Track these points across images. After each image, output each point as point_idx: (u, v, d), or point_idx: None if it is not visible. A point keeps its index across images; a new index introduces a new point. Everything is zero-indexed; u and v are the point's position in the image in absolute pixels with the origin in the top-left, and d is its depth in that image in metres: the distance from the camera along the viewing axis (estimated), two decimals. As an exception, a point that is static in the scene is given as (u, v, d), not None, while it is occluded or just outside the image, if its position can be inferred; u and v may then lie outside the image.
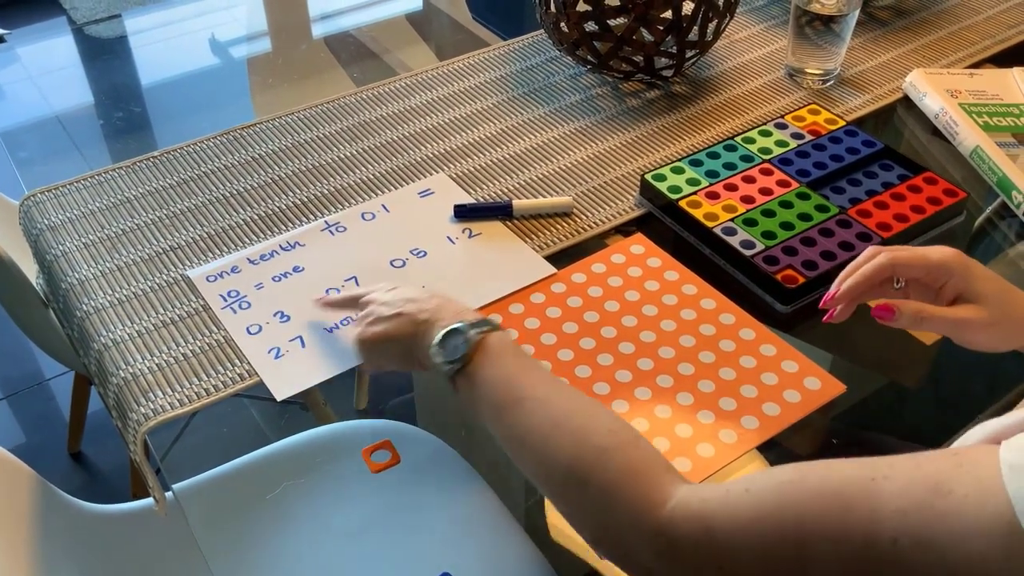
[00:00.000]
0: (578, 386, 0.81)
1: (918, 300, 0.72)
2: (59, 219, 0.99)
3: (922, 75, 1.16)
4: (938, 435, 0.85)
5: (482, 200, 1.02)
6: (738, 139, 1.07)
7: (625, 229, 1.00)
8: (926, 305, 0.71)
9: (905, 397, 0.90)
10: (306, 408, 1.32)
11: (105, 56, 2.81)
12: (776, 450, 0.78)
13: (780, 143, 1.06)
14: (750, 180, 1.01)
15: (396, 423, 0.97)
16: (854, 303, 0.73)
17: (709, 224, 0.95)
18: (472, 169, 1.06)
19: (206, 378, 0.82)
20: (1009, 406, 0.79)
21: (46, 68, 2.77)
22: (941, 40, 1.28)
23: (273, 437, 0.99)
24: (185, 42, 2.88)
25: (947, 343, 0.89)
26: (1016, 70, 1.18)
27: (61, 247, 0.96)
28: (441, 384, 0.69)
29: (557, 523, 0.76)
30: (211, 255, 0.95)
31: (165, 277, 0.92)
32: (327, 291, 0.90)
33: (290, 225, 0.98)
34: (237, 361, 0.84)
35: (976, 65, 1.24)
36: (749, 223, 0.95)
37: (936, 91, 1.13)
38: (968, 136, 1.08)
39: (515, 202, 0.99)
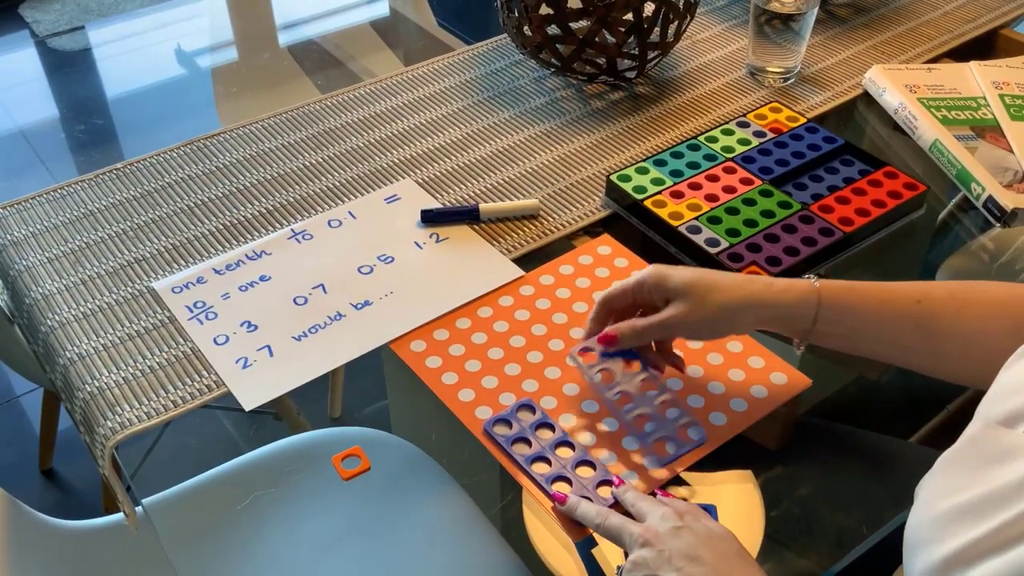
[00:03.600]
0: (548, 388, 0.81)
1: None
2: (22, 234, 0.98)
3: (881, 71, 1.18)
4: (906, 428, 0.86)
5: (449, 204, 1.02)
6: (701, 138, 1.08)
7: (592, 230, 1.00)
8: (636, 319, 0.77)
9: (872, 390, 0.91)
10: (279, 417, 1.31)
11: (68, 69, 2.79)
12: (745, 445, 0.79)
13: (742, 141, 1.07)
14: (714, 178, 1.02)
15: (370, 430, 0.96)
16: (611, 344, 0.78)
17: (674, 223, 0.96)
18: (438, 174, 1.06)
19: (173, 390, 0.82)
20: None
21: (8, 82, 2.74)
22: (899, 36, 1.30)
23: (246, 448, 0.99)
24: (149, 53, 2.86)
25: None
26: (973, 64, 1.20)
27: (24, 262, 0.95)
28: (414, 389, 0.69)
29: (534, 523, 0.76)
30: (176, 266, 0.94)
31: (130, 289, 0.92)
32: (293, 300, 0.90)
33: (256, 234, 0.98)
34: (205, 372, 0.83)
35: (934, 60, 1.25)
36: (713, 221, 0.96)
37: (895, 86, 1.15)
38: (927, 130, 1.09)
39: (482, 206, 0.99)
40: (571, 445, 0.76)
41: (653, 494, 0.71)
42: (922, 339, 0.73)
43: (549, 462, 0.75)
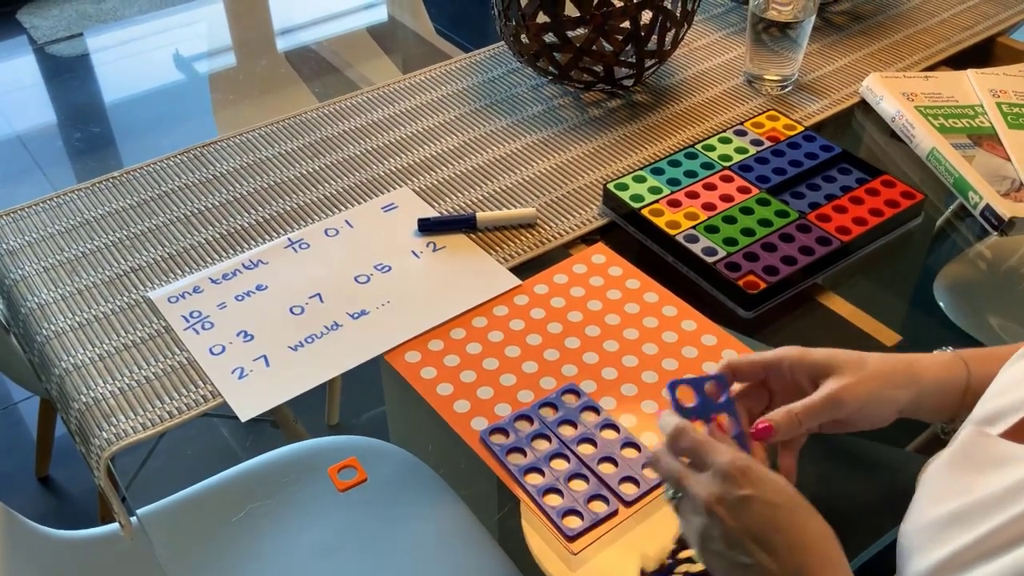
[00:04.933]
0: (542, 398, 0.81)
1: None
2: (18, 243, 0.98)
3: (878, 79, 1.18)
4: (903, 435, 0.86)
5: (446, 213, 1.02)
6: (698, 147, 1.08)
7: (589, 239, 1.00)
8: (791, 405, 0.65)
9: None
10: (276, 425, 1.31)
11: (66, 75, 2.79)
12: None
13: (740, 150, 1.07)
14: (711, 187, 1.02)
15: (366, 439, 0.96)
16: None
17: (671, 232, 0.96)
18: (436, 182, 1.06)
19: (169, 401, 0.81)
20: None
21: (6, 88, 2.74)
22: (897, 44, 1.30)
23: (243, 455, 0.98)
24: (147, 59, 2.86)
25: (906, 343, 0.90)
26: (970, 72, 1.20)
27: (20, 271, 0.95)
28: (412, 398, 0.68)
29: (532, 535, 0.76)
30: (173, 276, 0.94)
31: (126, 299, 0.91)
32: (290, 309, 0.90)
33: (252, 243, 0.98)
34: (200, 383, 0.83)
35: (931, 68, 1.25)
36: (711, 230, 0.96)
37: (892, 94, 1.15)
38: (924, 138, 1.09)
39: (479, 214, 0.99)
40: (566, 457, 0.76)
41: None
42: None
43: (543, 473, 0.75)
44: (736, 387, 0.68)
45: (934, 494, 0.52)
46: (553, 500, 0.73)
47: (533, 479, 0.75)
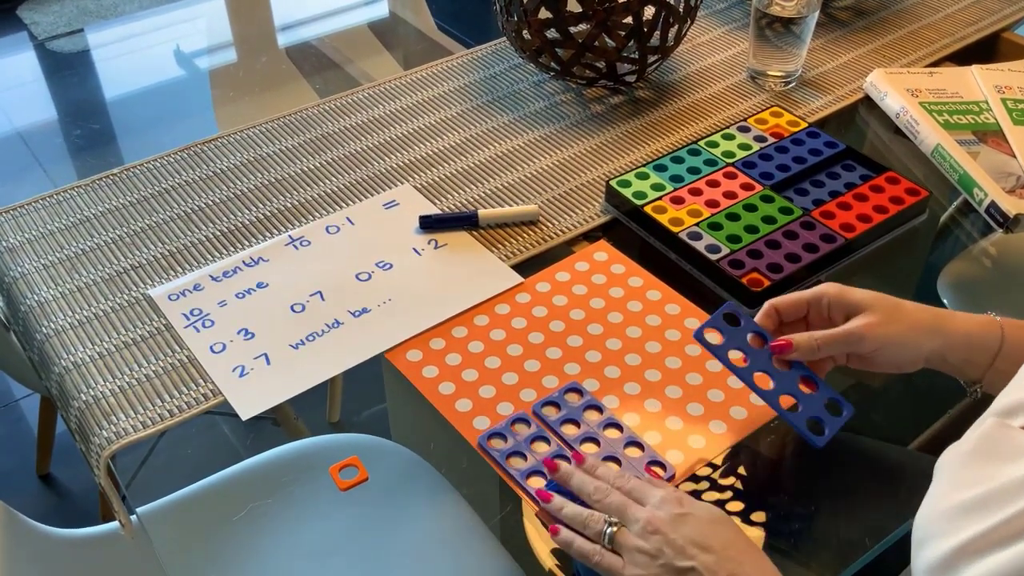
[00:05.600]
0: (544, 397, 0.80)
1: None
2: (17, 240, 0.98)
3: (882, 75, 1.17)
4: (906, 434, 0.85)
5: (448, 210, 1.01)
6: (702, 143, 1.07)
7: (592, 236, 1.00)
8: (816, 331, 0.72)
9: (873, 396, 0.90)
10: (277, 423, 1.31)
11: (67, 71, 2.78)
12: (746, 453, 0.78)
13: (743, 146, 1.07)
14: (714, 184, 1.01)
15: (368, 436, 0.96)
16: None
17: (674, 229, 0.95)
18: (437, 179, 1.06)
19: (169, 399, 0.81)
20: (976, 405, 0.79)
21: (7, 84, 2.73)
22: (901, 39, 1.29)
23: (244, 453, 0.98)
24: (148, 55, 2.86)
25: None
26: (975, 68, 1.19)
27: (20, 268, 0.94)
28: (413, 396, 0.68)
29: (534, 534, 0.76)
30: (173, 273, 0.93)
31: (126, 297, 0.91)
32: (291, 307, 0.89)
33: (253, 240, 0.97)
34: (201, 381, 0.83)
35: (936, 63, 1.25)
36: (714, 227, 0.96)
37: (897, 90, 1.14)
38: (929, 135, 1.08)
39: (481, 211, 0.99)
40: (566, 457, 0.75)
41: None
42: None
43: (545, 476, 0.74)
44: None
45: (952, 483, 0.52)
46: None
47: (535, 482, 0.74)
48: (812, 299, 0.74)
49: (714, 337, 0.76)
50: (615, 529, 0.66)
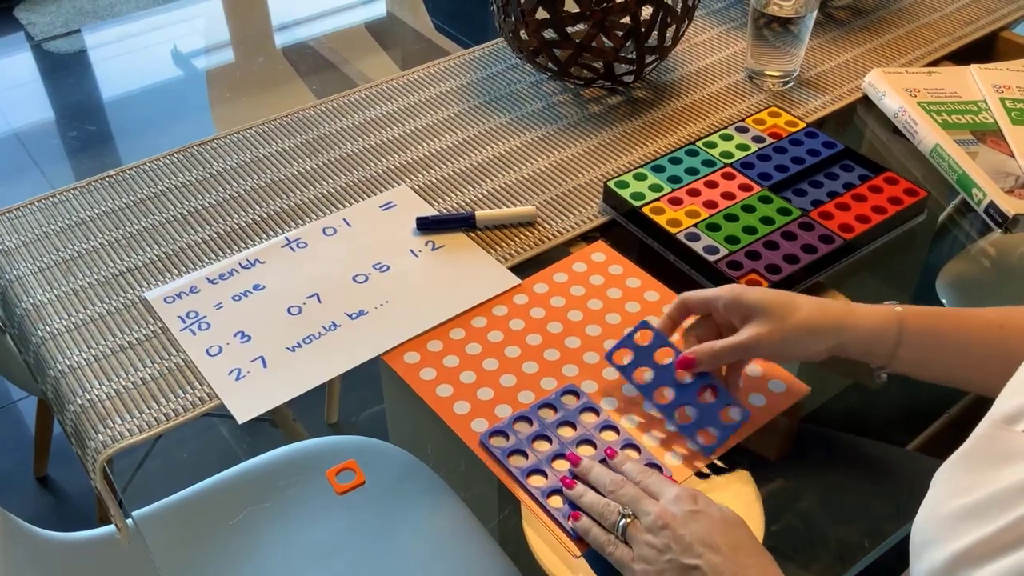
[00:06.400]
0: (541, 399, 0.80)
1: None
2: (13, 243, 0.97)
3: (881, 75, 1.17)
4: (905, 435, 0.85)
5: (445, 212, 1.01)
6: (699, 143, 1.07)
7: (589, 237, 0.99)
8: (714, 342, 0.75)
9: (870, 397, 0.90)
10: (275, 425, 1.31)
11: (63, 72, 2.78)
12: (745, 454, 0.78)
13: (741, 147, 1.06)
14: (712, 185, 1.01)
15: (366, 439, 0.95)
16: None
17: (672, 230, 0.95)
18: (434, 180, 1.05)
19: (166, 402, 0.81)
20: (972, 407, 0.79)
21: (3, 85, 2.73)
22: (899, 39, 1.29)
23: (242, 455, 0.98)
24: (145, 56, 2.85)
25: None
26: (974, 67, 1.19)
27: (15, 271, 0.94)
28: (411, 398, 0.68)
29: (533, 536, 0.75)
30: (169, 276, 0.93)
31: (122, 299, 0.90)
32: (288, 309, 0.89)
33: (250, 242, 0.97)
34: (197, 384, 0.82)
35: (934, 63, 1.24)
36: (712, 228, 0.95)
37: (895, 90, 1.14)
38: (927, 135, 1.08)
39: (478, 213, 0.98)
40: (566, 457, 0.75)
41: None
42: (1004, 365, 0.70)
43: (545, 475, 0.74)
44: (689, 320, 0.79)
45: (951, 487, 0.52)
46: (556, 502, 0.72)
47: (536, 481, 0.74)
48: (711, 300, 0.76)
49: (625, 356, 0.80)
50: (628, 521, 0.67)
